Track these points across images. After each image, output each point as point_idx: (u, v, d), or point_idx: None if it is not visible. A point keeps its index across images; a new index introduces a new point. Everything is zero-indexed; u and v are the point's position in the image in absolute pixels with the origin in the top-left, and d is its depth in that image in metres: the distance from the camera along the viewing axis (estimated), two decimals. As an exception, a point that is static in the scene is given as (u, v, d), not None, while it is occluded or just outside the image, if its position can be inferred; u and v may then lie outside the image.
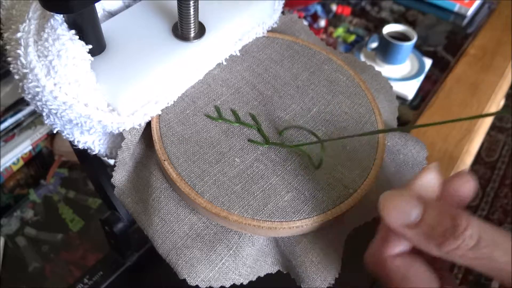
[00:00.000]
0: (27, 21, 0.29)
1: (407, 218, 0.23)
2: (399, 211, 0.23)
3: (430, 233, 0.22)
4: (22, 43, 0.28)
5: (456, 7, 1.00)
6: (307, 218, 0.30)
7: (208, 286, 0.30)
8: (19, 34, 0.28)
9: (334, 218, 0.30)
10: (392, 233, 0.24)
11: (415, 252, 0.24)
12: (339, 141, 0.33)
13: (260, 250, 0.32)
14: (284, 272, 0.33)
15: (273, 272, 0.33)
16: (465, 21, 1.00)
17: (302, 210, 0.30)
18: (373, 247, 0.25)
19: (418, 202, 0.23)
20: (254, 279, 0.32)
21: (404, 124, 0.76)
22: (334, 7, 0.98)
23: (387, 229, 0.24)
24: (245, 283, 0.31)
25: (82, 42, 0.29)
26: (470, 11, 1.00)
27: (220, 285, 0.30)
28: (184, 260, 0.30)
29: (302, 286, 0.31)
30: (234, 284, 0.31)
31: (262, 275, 0.32)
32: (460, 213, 0.22)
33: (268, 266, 0.33)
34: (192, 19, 0.33)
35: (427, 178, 0.24)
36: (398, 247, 0.24)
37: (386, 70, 0.83)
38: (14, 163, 0.66)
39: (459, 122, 0.75)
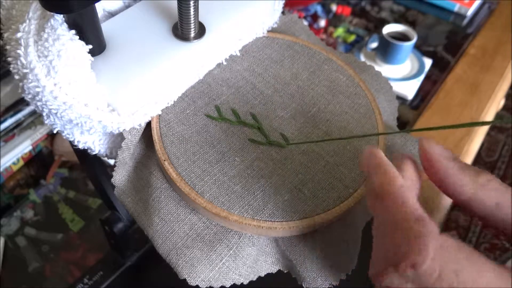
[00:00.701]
0: (27, 21, 0.29)
1: (447, 153, 0.24)
2: (440, 147, 0.24)
3: (466, 168, 0.23)
4: (22, 43, 0.28)
5: (456, 7, 1.00)
6: (307, 218, 0.30)
7: (208, 286, 0.30)
8: (19, 34, 0.28)
9: (334, 217, 0.30)
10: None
11: None
12: (339, 141, 0.33)
13: (261, 250, 0.32)
14: (285, 272, 0.33)
15: (274, 272, 0.33)
16: (465, 21, 1.00)
17: (302, 210, 0.30)
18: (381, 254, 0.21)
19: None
20: (254, 278, 0.32)
21: (404, 124, 0.75)
22: (334, 7, 0.98)
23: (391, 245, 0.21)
24: (245, 283, 0.31)
25: (82, 42, 0.29)
26: (470, 11, 1.00)
27: (220, 285, 0.30)
28: (184, 260, 0.30)
29: (303, 285, 0.31)
30: (234, 284, 0.31)
31: (262, 274, 0.32)
32: None
33: (268, 266, 0.33)
34: (192, 19, 0.33)
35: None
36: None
37: (386, 70, 0.83)
38: (14, 163, 0.66)
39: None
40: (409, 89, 0.81)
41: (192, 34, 0.34)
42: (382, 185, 0.22)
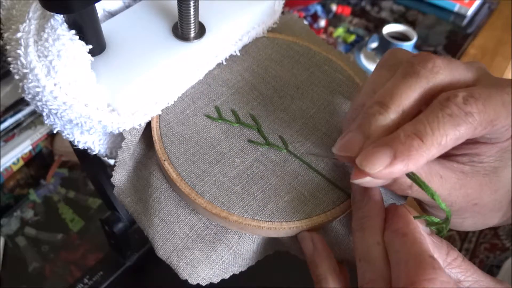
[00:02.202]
0: (27, 21, 0.29)
1: (425, 228, 0.27)
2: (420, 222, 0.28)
3: (439, 245, 0.27)
4: (22, 43, 0.28)
5: (456, 7, 1.00)
6: (307, 218, 0.30)
7: (208, 282, 0.30)
8: (19, 34, 0.28)
9: (334, 218, 0.30)
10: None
11: None
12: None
13: (260, 244, 0.32)
14: (282, 250, 0.33)
15: (271, 253, 0.33)
16: (465, 21, 1.00)
17: (302, 211, 0.30)
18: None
19: None
20: (253, 264, 0.33)
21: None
22: (334, 7, 0.98)
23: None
24: (244, 270, 0.32)
25: (82, 42, 0.29)
26: (470, 11, 1.00)
27: (220, 279, 0.30)
28: (185, 262, 0.30)
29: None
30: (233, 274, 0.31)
31: (261, 258, 0.33)
32: None
33: (266, 251, 0.33)
34: (192, 19, 0.33)
35: None
36: None
37: (386, 70, 0.83)
38: (14, 163, 0.66)
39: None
40: (409, 89, 0.81)
41: (192, 34, 0.34)
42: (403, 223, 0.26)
